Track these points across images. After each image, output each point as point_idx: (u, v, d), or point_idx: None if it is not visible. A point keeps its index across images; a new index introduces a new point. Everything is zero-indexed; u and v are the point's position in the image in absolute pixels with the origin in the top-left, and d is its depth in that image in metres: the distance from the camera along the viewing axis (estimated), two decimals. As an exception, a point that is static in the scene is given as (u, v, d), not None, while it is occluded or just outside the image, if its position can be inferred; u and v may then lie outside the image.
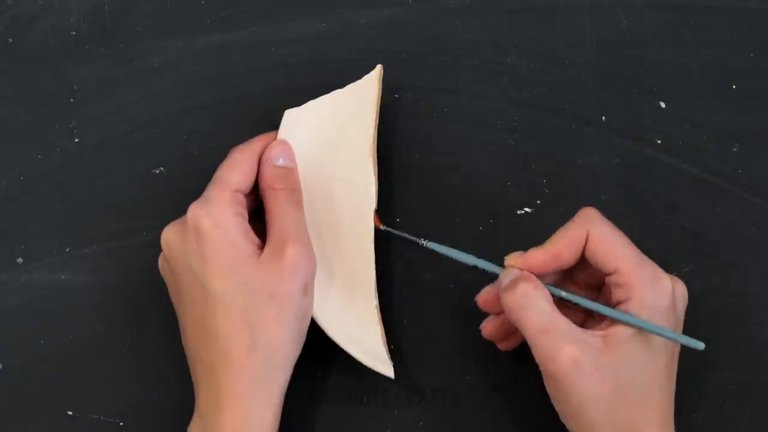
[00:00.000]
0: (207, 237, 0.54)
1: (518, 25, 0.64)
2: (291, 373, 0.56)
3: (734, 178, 0.63)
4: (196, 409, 0.56)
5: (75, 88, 0.65)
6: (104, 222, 0.63)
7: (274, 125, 0.61)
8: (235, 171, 0.57)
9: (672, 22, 0.64)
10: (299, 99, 0.61)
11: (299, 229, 0.58)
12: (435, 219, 0.62)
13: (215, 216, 0.55)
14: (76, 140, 0.64)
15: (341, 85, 0.61)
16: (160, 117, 0.64)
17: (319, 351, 0.60)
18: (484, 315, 0.60)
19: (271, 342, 0.55)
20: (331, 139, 0.61)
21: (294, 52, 0.64)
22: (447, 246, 0.57)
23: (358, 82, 0.61)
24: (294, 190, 0.59)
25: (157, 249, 0.57)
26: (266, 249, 0.56)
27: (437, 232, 0.62)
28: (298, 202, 0.59)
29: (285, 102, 0.62)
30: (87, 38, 0.65)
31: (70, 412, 0.61)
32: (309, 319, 0.57)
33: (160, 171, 0.64)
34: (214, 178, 0.57)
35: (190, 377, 0.57)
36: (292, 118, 0.60)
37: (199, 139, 0.63)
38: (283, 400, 0.56)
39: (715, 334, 0.60)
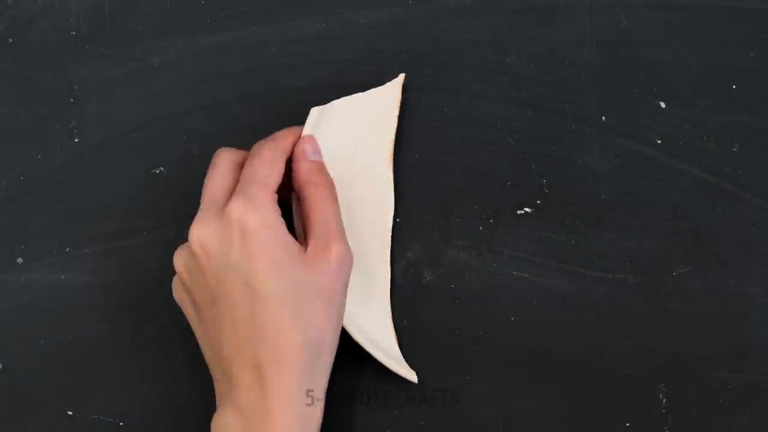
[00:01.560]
0: (255, 237, 0.53)
1: (518, 25, 0.64)
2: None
3: (734, 178, 0.63)
4: (230, 407, 0.54)
5: (75, 88, 0.65)
6: (104, 222, 0.63)
7: (275, 125, 0.60)
8: (274, 171, 0.56)
9: (672, 22, 0.64)
10: (300, 99, 0.61)
11: (340, 225, 0.57)
12: (435, 219, 0.62)
13: (266, 217, 0.54)
14: (76, 140, 0.64)
15: (341, 85, 0.62)
16: (160, 117, 0.64)
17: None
18: (484, 313, 0.61)
19: (321, 340, 0.54)
20: (353, 142, 0.61)
21: (294, 52, 0.64)
22: None
23: (383, 87, 0.62)
24: (331, 185, 0.59)
25: (157, 248, 0.57)
26: (310, 246, 0.56)
27: (437, 232, 0.62)
28: (335, 198, 0.59)
29: (284, 102, 0.62)
30: (87, 38, 0.65)
31: (70, 412, 0.61)
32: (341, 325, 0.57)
33: (160, 171, 0.64)
34: (251, 175, 0.55)
35: (190, 378, 0.57)
36: (317, 115, 0.60)
37: (199, 139, 0.63)
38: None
39: (715, 334, 0.61)
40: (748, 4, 0.64)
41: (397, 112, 0.62)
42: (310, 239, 0.56)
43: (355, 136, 0.61)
